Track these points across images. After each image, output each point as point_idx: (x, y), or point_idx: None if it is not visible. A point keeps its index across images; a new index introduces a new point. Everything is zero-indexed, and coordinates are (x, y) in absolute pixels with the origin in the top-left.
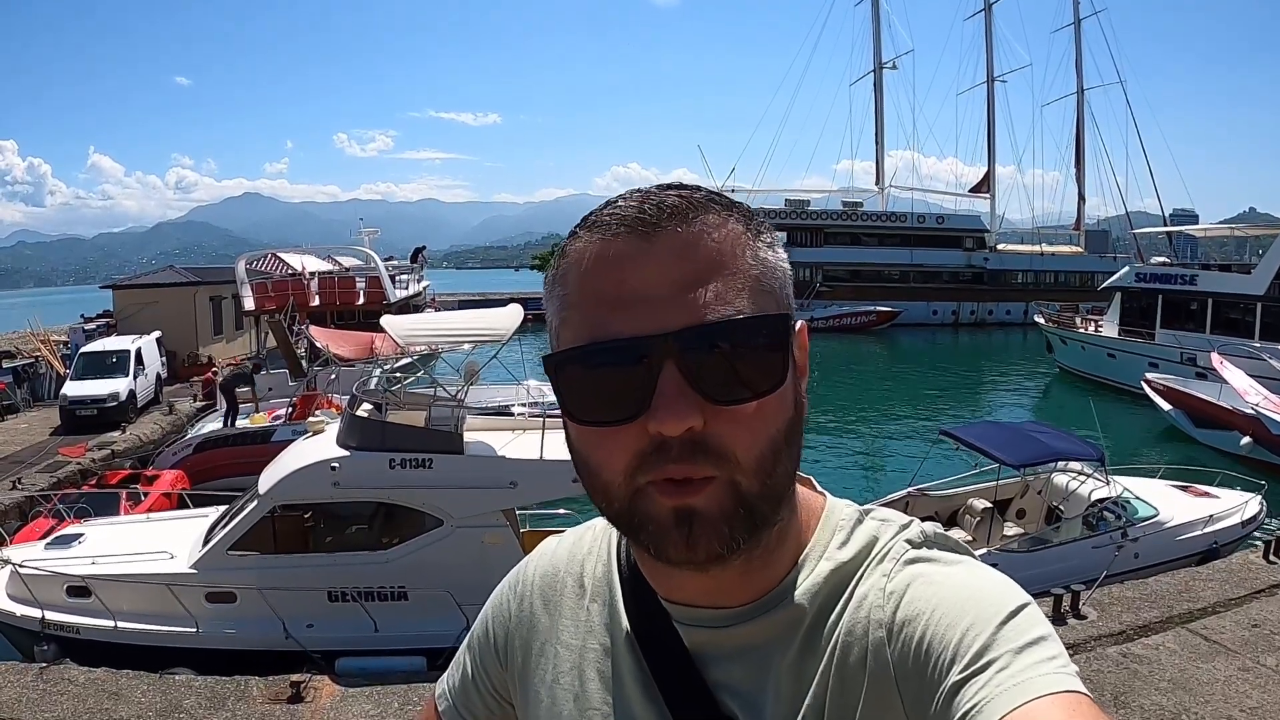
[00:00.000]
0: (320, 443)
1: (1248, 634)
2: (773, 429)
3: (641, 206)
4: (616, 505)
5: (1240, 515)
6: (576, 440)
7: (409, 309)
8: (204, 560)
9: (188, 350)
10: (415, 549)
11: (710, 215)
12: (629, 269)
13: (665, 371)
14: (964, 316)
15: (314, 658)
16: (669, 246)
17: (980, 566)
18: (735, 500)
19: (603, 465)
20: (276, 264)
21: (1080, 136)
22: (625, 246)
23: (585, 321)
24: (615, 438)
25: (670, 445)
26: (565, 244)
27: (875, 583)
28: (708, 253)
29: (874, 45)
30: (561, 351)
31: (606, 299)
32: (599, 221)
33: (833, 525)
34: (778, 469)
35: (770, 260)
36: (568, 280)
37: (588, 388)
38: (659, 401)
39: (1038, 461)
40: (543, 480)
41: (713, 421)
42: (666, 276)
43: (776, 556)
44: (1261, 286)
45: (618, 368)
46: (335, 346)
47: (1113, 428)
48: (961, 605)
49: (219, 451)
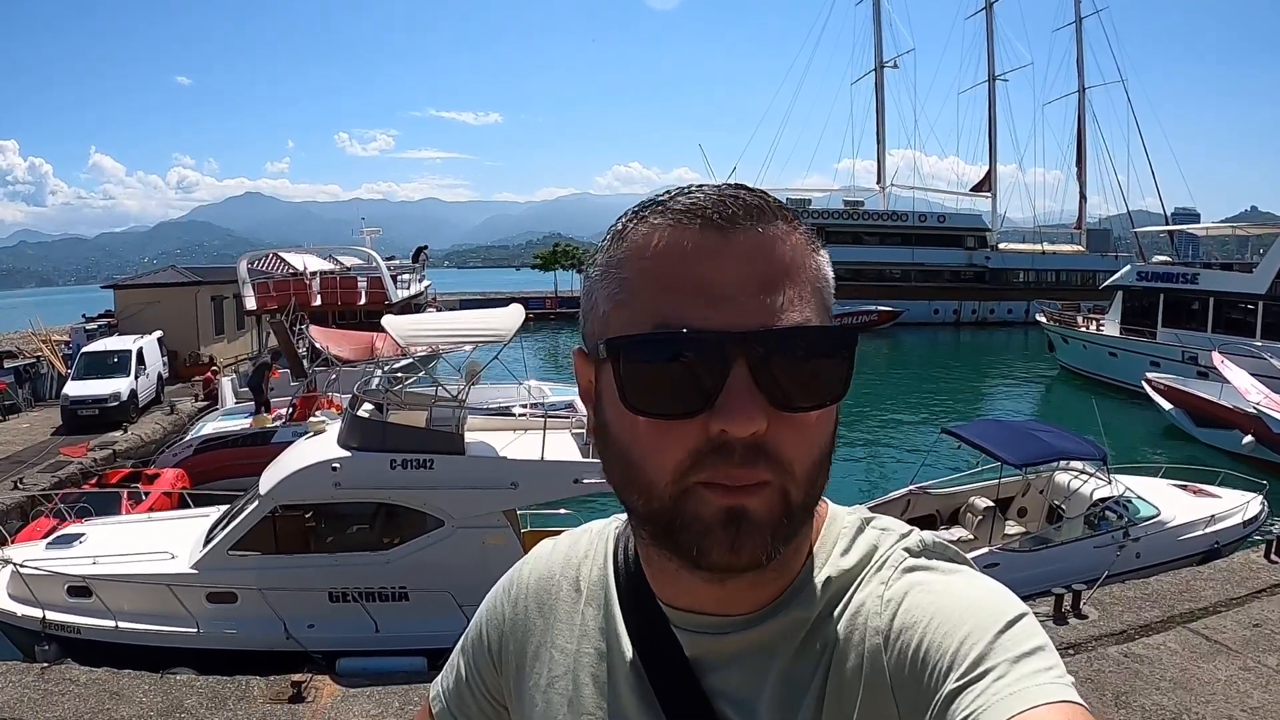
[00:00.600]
0: (321, 443)
1: (1249, 634)
2: (823, 440)
3: (720, 200)
4: (657, 503)
5: (1242, 515)
6: (620, 430)
7: (411, 309)
8: (205, 560)
9: (189, 350)
10: (416, 549)
11: (782, 222)
12: (705, 261)
13: (736, 370)
14: (965, 315)
15: (315, 658)
16: (747, 245)
17: (978, 576)
18: (783, 508)
19: (649, 459)
20: (278, 264)
21: (1081, 135)
22: (701, 238)
23: (652, 308)
24: (670, 432)
25: (733, 447)
26: (626, 226)
27: (873, 590)
28: (781, 257)
29: (875, 44)
30: (627, 336)
31: (679, 288)
32: (670, 208)
33: (835, 533)
34: (819, 481)
35: (827, 274)
36: (628, 264)
37: (651, 376)
38: (728, 400)
39: (1040, 461)
40: (544, 481)
41: (774, 427)
42: (743, 275)
43: (785, 565)
44: (1263, 285)
45: (687, 360)
46: (335, 347)
47: (1114, 427)
48: (959, 614)
49: (220, 452)
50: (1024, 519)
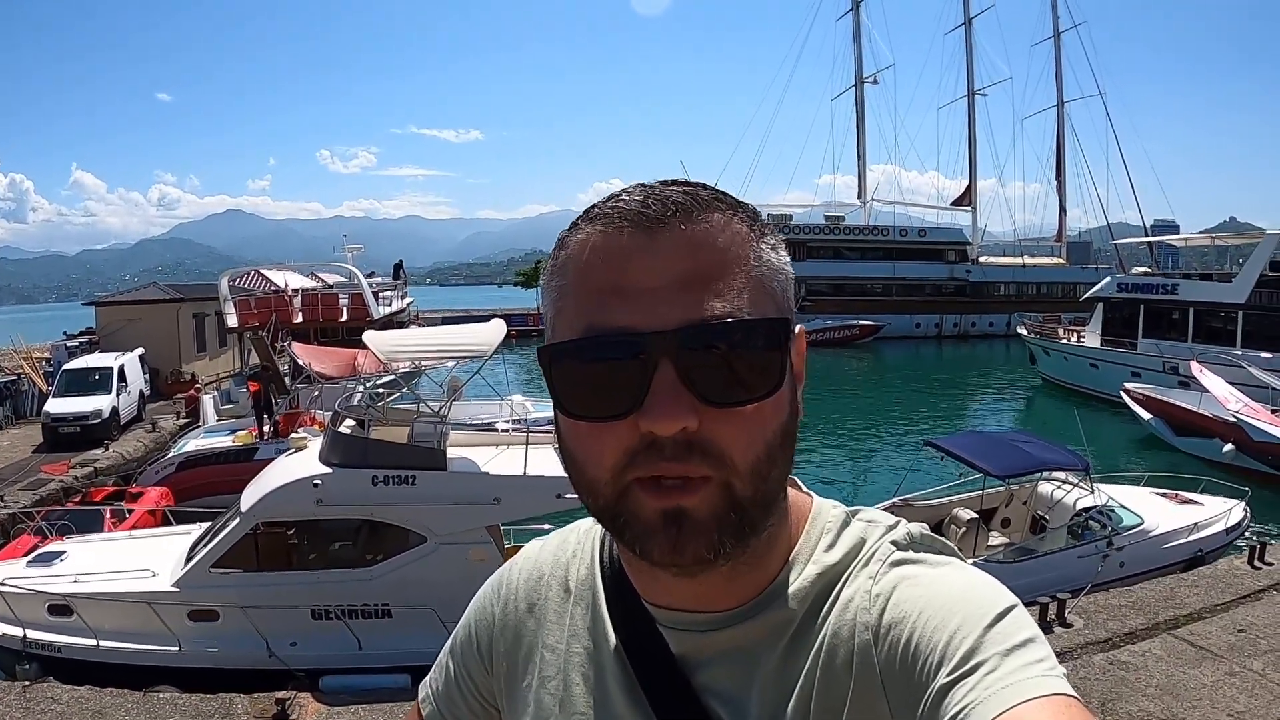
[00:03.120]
0: (303, 460)
1: (1234, 639)
2: (768, 432)
3: (646, 200)
4: (602, 502)
5: (1224, 522)
6: (566, 435)
7: (393, 325)
8: (186, 578)
9: (170, 367)
10: (399, 566)
11: (715, 214)
12: (629, 263)
13: (661, 369)
14: (947, 329)
15: (298, 675)
16: (672, 242)
17: (967, 568)
18: (728, 504)
19: (590, 461)
20: (260, 281)
21: (1061, 149)
22: (627, 240)
23: (581, 313)
24: (606, 433)
25: (663, 444)
26: (565, 235)
27: (861, 585)
28: (711, 251)
29: (855, 60)
30: (555, 343)
31: (605, 291)
32: (601, 214)
33: (820, 527)
34: (772, 474)
35: (773, 262)
36: (566, 271)
37: (580, 381)
38: (653, 400)
39: (1023, 472)
40: (527, 496)
41: (707, 422)
42: (667, 272)
43: (764, 560)
44: (1242, 295)
45: (612, 362)
46: (318, 364)
47: (1096, 437)
48: (949, 607)
49: (202, 469)
50: (1007, 530)
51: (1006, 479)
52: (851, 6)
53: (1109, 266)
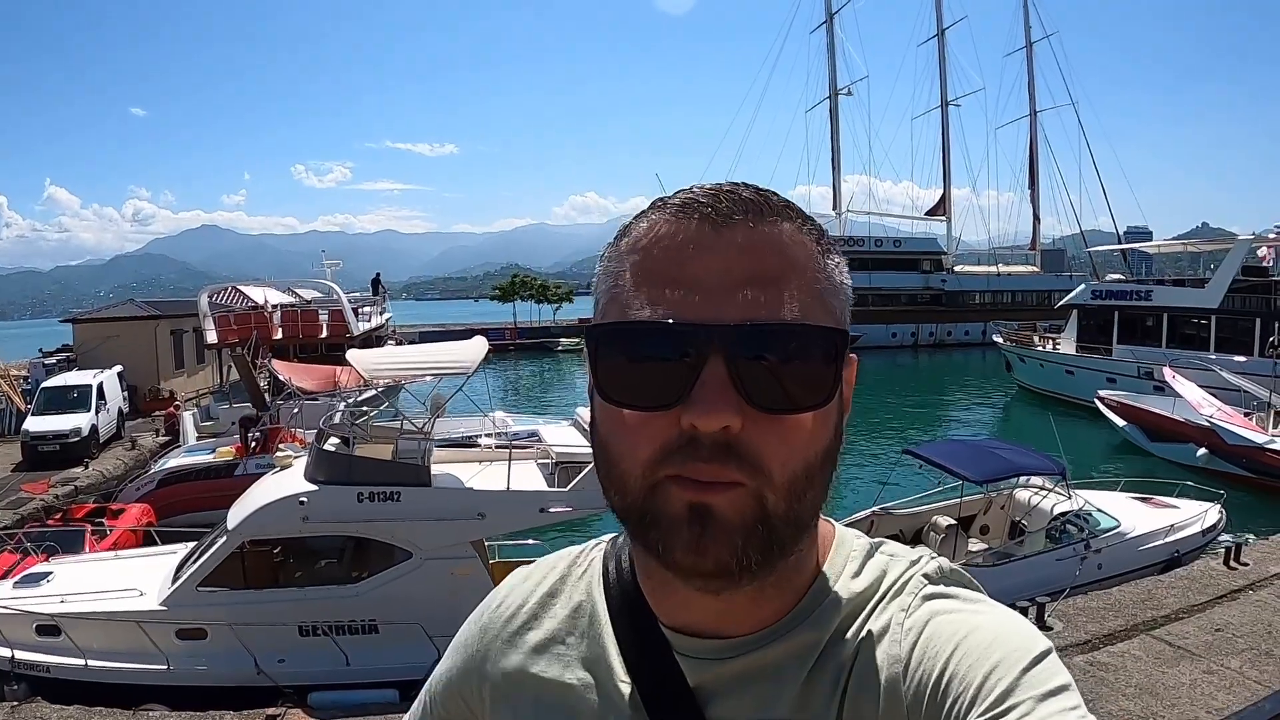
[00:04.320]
0: (288, 477)
1: (1211, 638)
2: (810, 450)
3: (716, 195)
4: (630, 498)
5: (1200, 524)
6: (602, 423)
7: (372, 341)
8: (174, 597)
9: (149, 385)
10: (385, 581)
11: (784, 221)
12: (691, 254)
13: (710, 364)
14: (923, 338)
15: (286, 692)
16: (737, 239)
17: (1001, 607)
18: (758, 514)
19: (624, 453)
20: (238, 297)
21: (1034, 158)
22: (691, 231)
23: (636, 299)
24: (644, 425)
25: (701, 443)
26: (629, 223)
27: (893, 616)
28: (775, 254)
29: (829, 72)
30: (605, 324)
31: (663, 279)
32: (669, 204)
33: (845, 554)
34: (808, 494)
35: (836, 278)
36: (624, 258)
37: (625, 367)
38: (698, 394)
39: (1000, 477)
40: (511, 511)
41: (750, 427)
42: (730, 268)
43: (791, 583)
44: (1215, 300)
45: (662, 351)
46: (298, 380)
47: (1072, 443)
48: (985, 646)
49: (183, 486)
50: (986, 536)
51: (984, 485)
52: (825, 19)
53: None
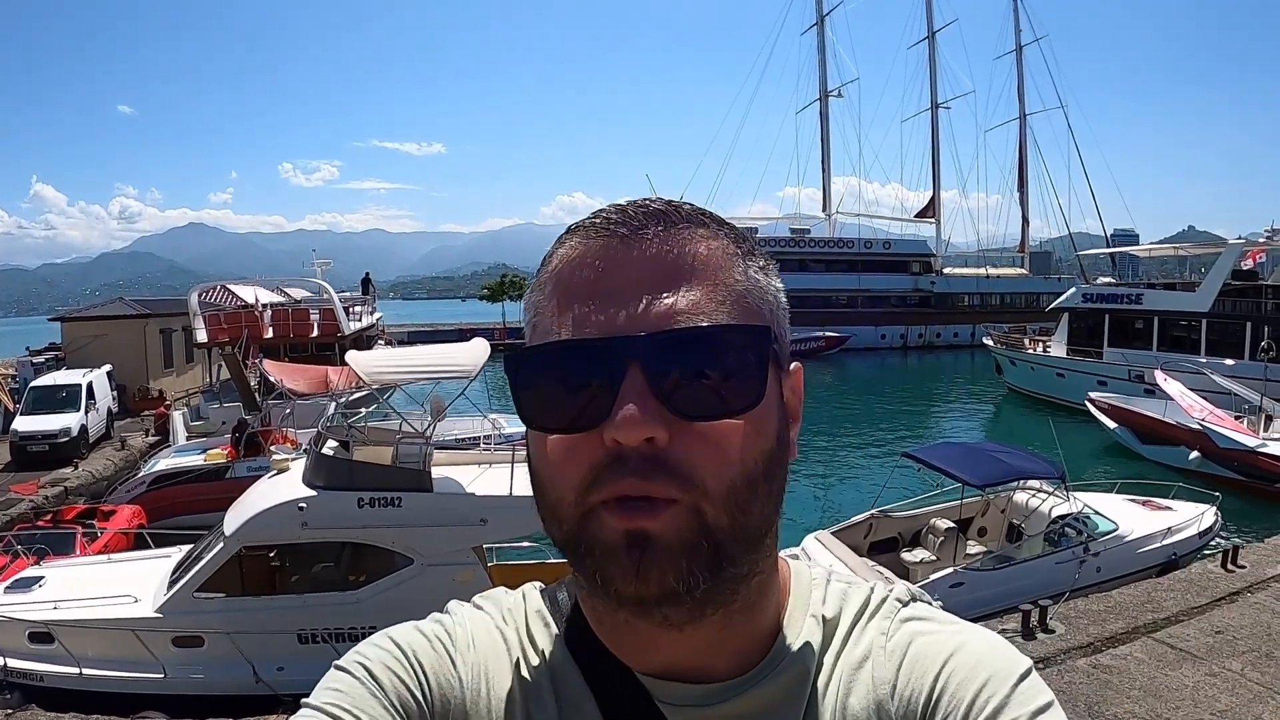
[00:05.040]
0: (286, 481)
1: (1212, 640)
2: (748, 457)
3: (625, 210)
4: (566, 528)
5: (1197, 526)
6: (533, 452)
7: (363, 341)
8: (170, 604)
9: (138, 384)
10: (385, 588)
11: (699, 227)
12: (604, 270)
13: (629, 376)
14: (912, 340)
15: (286, 701)
16: (649, 250)
17: (977, 627)
18: (698, 530)
19: (554, 479)
20: (227, 296)
21: (1023, 160)
22: (604, 249)
23: (554, 323)
24: (572, 448)
25: (627, 458)
26: (550, 250)
27: (873, 640)
28: (690, 261)
29: (820, 74)
30: (522, 350)
31: (578, 300)
32: (581, 225)
33: (807, 583)
34: (753, 505)
35: (760, 282)
36: (544, 285)
37: (546, 391)
38: (618, 409)
39: (1000, 481)
40: (513, 517)
41: (678, 437)
42: (642, 279)
43: (758, 609)
44: (1206, 304)
45: (579, 370)
46: (290, 380)
47: (1064, 445)
48: (973, 665)
49: (174, 489)
50: (984, 538)
51: (984, 489)
52: (816, 21)
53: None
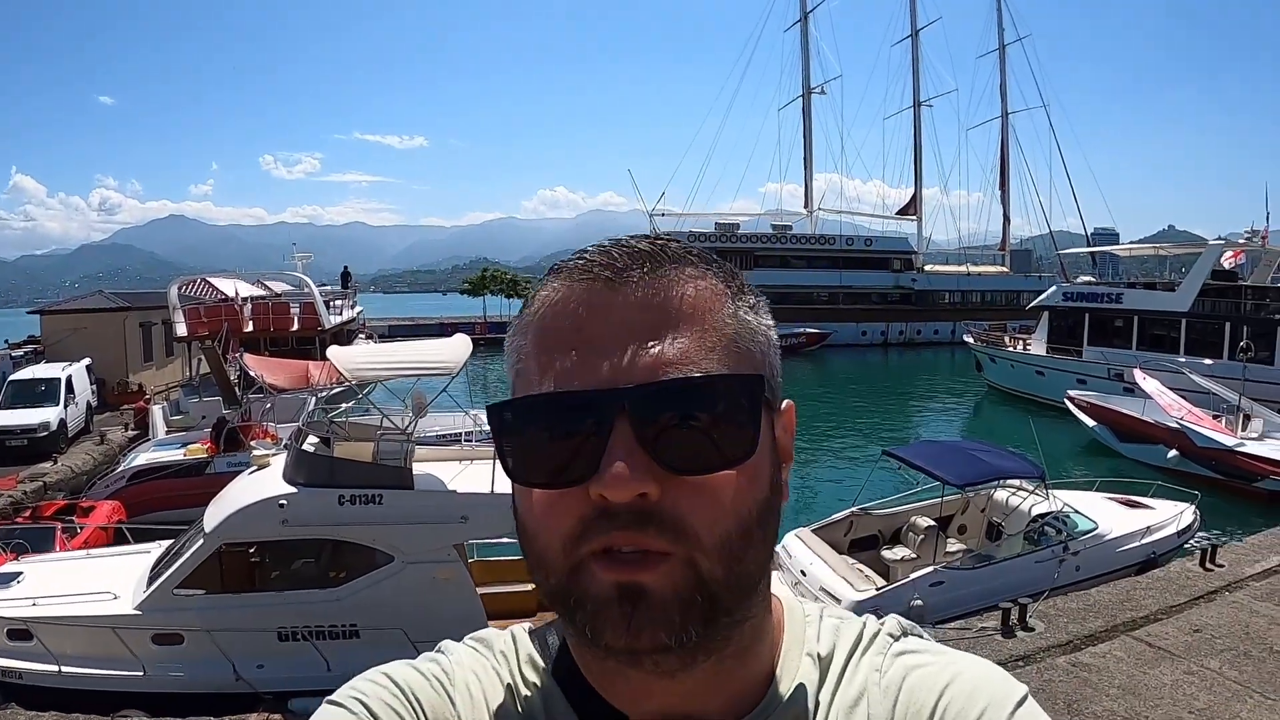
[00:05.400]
0: (266, 478)
1: (1190, 639)
2: (742, 508)
3: (609, 252)
4: (554, 580)
5: (1175, 525)
6: (518, 503)
7: (344, 335)
8: (149, 601)
9: (117, 378)
10: (366, 586)
11: (686, 267)
12: (588, 317)
13: (616, 431)
14: (893, 337)
15: (266, 698)
16: (634, 295)
17: (971, 656)
18: (693, 584)
19: (541, 532)
20: (208, 289)
21: (1005, 159)
22: (587, 293)
23: (537, 372)
24: (561, 501)
25: (617, 513)
26: (532, 292)
27: (867, 678)
28: (677, 305)
29: (803, 70)
30: (504, 401)
31: (561, 348)
32: (564, 268)
33: (801, 620)
34: (747, 555)
35: (750, 322)
36: (526, 330)
37: (531, 444)
38: (606, 464)
39: (981, 480)
40: (494, 514)
41: (669, 491)
42: (627, 326)
43: (753, 653)
44: (1186, 304)
45: (565, 424)
46: (270, 375)
47: (1043, 443)
48: (970, 693)
49: (154, 483)
50: (964, 536)
51: (965, 487)
52: (800, 17)
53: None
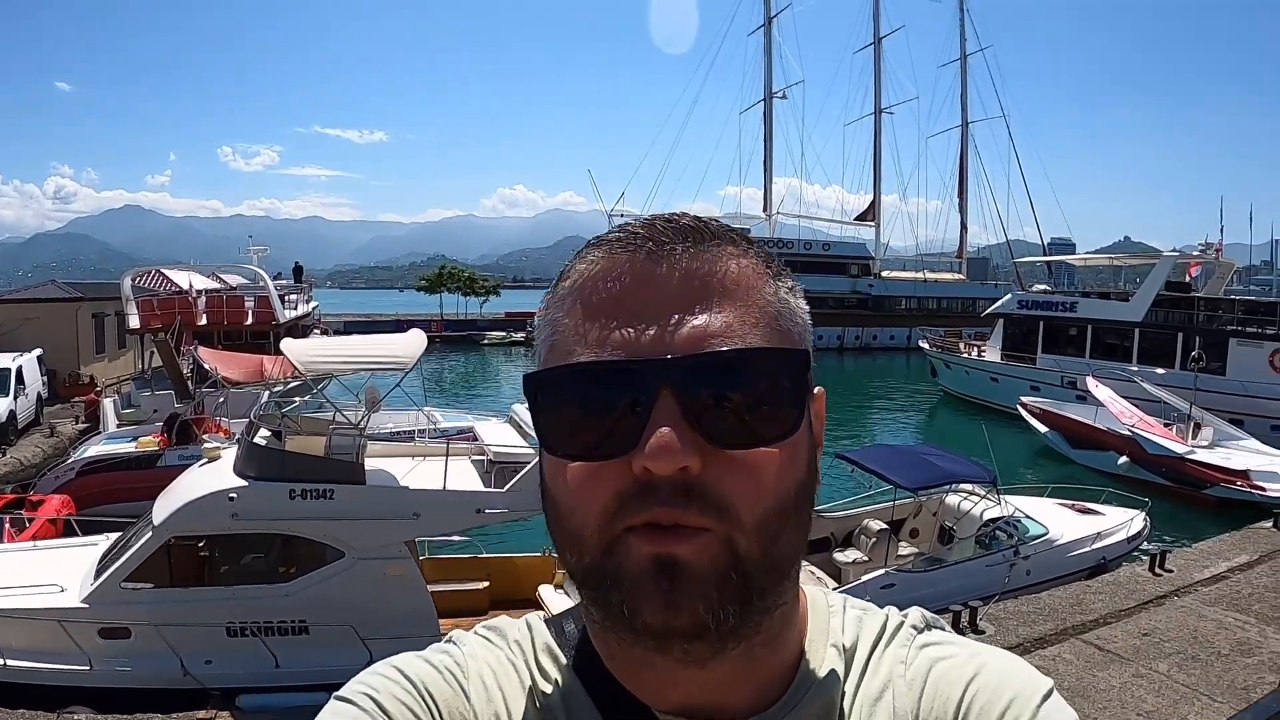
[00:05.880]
0: (217, 471)
1: (1139, 642)
2: (782, 487)
3: (653, 225)
4: (588, 558)
5: (1126, 531)
6: (551, 477)
7: (299, 329)
8: (96, 594)
9: (69, 369)
10: (316, 581)
11: (728, 245)
12: (631, 288)
13: (660, 402)
14: (849, 341)
15: (214, 694)
16: (679, 269)
17: (994, 648)
18: (730, 561)
19: (576, 507)
20: (162, 281)
21: (964, 167)
22: (630, 265)
23: (576, 342)
24: (596, 475)
25: (659, 487)
26: (569, 264)
27: (892, 670)
28: (721, 280)
29: (765, 75)
30: (543, 370)
31: (603, 319)
32: (605, 240)
33: (825, 610)
34: (783, 537)
35: (791, 303)
36: (562, 303)
37: (570, 415)
38: (649, 436)
39: (933, 484)
40: (446, 511)
41: (711, 466)
42: (672, 299)
43: (781, 642)
44: (1139, 313)
45: (607, 394)
46: (225, 369)
47: (996, 449)
48: (995, 686)
49: (104, 476)
50: (916, 540)
51: (917, 491)
52: (764, 22)
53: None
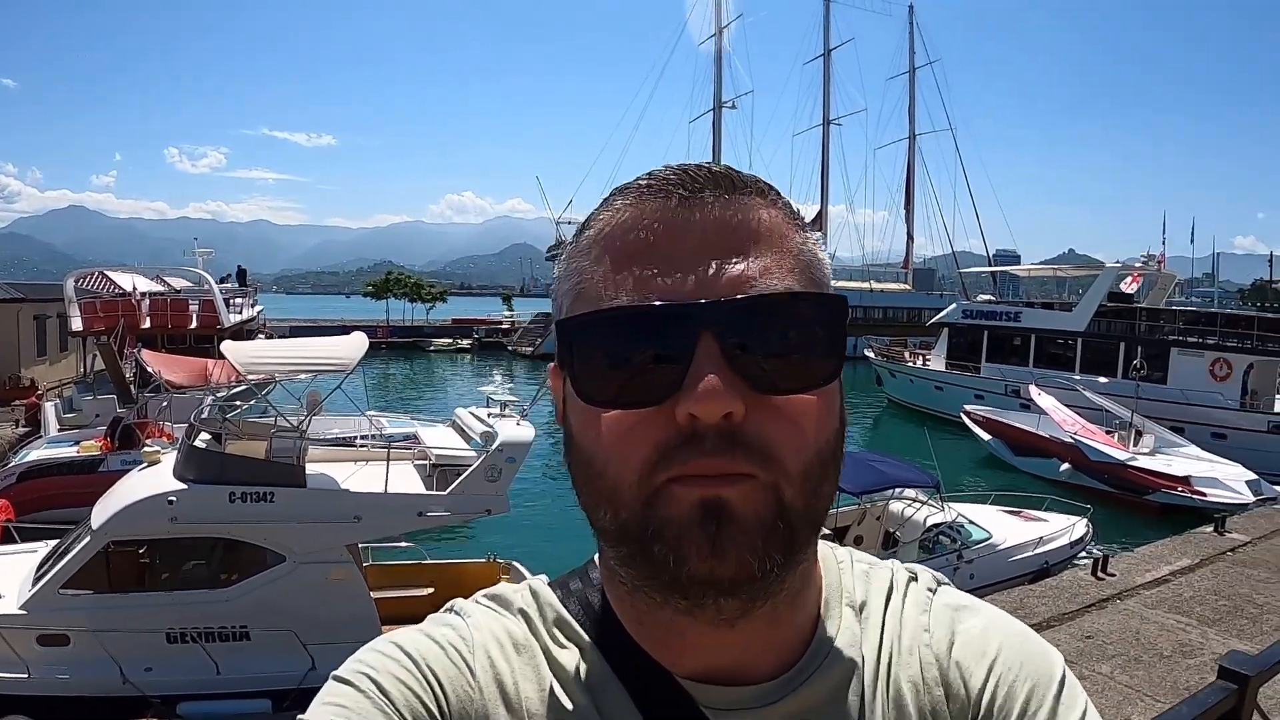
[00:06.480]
0: (156, 474)
1: (1082, 645)
2: (821, 436)
3: (683, 171)
4: (626, 513)
5: (1068, 537)
6: (582, 430)
7: (243, 334)
8: (34, 600)
9: (9, 372)
10: (257, 586)
11: (757, 196)
12: (664, 234)
13: (703, 346)
14: None
15: (154, 702)
16: (714, 214)
17: (1003, 615)
18: (776, 509)
19: (612, 461)
20: (106, 283)
21: (911, 179)
22: (664, 211)
23: (609, 288)
24: (635, 426)
25: (703, 436)
26: (591, 215)
27: (915, 633)
28: (754, 227)
29: (715, 84)
30: (579, 316)
31: (637, 264)
32: (630, 187)
33: (836, 566)
34: (823, 488)
35: (819, 254)
36: (589, 250)
37: (606, 362)
38: (693, 381)
39: (877, 489)
40: (388, 514)
41: (755, 412)
42: (708, 245)
43: (803, 600)
44: (1082, 323)
45: (645, 339)
46: (168, 372)
47: (940, 456)
48: (1018, 662)
49: (44, 481)
50: (861, 546)
51: (861, 496)
52: (715, 32)
53: (953, 293)
